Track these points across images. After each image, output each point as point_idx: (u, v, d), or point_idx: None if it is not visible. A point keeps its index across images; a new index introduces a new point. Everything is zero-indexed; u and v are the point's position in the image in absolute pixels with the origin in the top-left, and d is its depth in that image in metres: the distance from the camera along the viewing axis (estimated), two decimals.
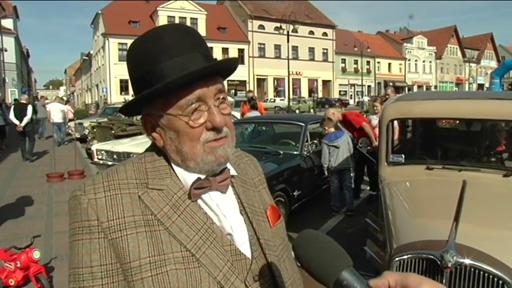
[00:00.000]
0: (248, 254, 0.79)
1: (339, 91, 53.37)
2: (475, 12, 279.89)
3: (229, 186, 0.83)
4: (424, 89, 60.51)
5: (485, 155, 3.71)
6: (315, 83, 51.30)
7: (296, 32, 28.02)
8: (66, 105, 15.67)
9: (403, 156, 3.21)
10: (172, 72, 0.73)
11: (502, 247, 1.99)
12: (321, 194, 6.06)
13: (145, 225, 0.72)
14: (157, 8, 41.01)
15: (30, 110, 10.70)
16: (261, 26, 46.60)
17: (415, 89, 59.39)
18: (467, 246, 1.89)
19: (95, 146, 7.56)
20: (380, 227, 2.75)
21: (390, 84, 39.33)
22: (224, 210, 0.79)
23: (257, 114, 8.18)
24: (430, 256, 1.92)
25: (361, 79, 48.31)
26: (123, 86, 38.38)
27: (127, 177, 0.76)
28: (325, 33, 51.82)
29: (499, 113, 3.01)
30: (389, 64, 60.60)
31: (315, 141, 5.82)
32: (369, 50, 48.41)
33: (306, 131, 5.68)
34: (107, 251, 0.71)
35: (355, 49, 47.32)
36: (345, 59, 54.29)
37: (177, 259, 0.72)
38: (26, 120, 10.47)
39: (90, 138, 11.09)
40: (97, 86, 47.07)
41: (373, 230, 2.95)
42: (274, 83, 48.18)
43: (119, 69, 37.71)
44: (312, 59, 50.83)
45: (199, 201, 0.78)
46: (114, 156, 6.88)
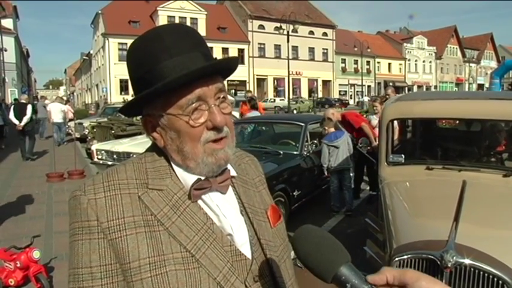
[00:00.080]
0: (248, 255, 0.79)
1: (339, 91, 53.36)
2: (475, 12, 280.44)
3: (230, 187, 0.83)
4: (424, 89, 60.49)
5: (485, 155, 3.71)
6: (315, 83, 51.29)
7: (296, 32, 28.02)
8: (66, 105, 15.65)
9: (403, 156, 3.21)
10: (172, 71, 0.72)
11: (502, 247, 1.99)
12: (320, 194, 6.06)
13: (145, 226, 0.72)
14: (157, 8, 41.00)
15: (29, 109, 10.76)
16: (261, 26, 46.59)
17: (415, 89, 59.34)
18: (467, 246, 1.89)
19: (95, 146, 7.56)
20: (380, 227, 2.75)
21: (390, 84, 39.31)
22: (224, 210, 0.78)
23: (257, 114, 8.17)
24: (430, 256, 1.92)
25: (361, 79, 48.29)
26: (123, 86, 38.38)
27: (127, 178, 0.76)
28: (325, 33, 51.81)
29: (499, 113, 3.01)
30: (389, 64, 60.59)
31: (315, 141, 5.82)
32: (369, 50, 48.41)
33: (305, 131, 5.67)
34: (106, 251, 0.70)
35: (355, 49, 47.30)
36: (344, 59, 54.28)
37: (177, 260, 0.71)
38: (25, 119, 10.52)
39: (90, 138, 11.09)
40: (97, 85, 47.06)
41: (373, 230, 2.95)
42: (274, 83, 48.18)
43: (119, 69, 37.70)
44: (312, 59, 50.82)
45: (199, 201, 0.78)
46: (114, 156, 6.88)
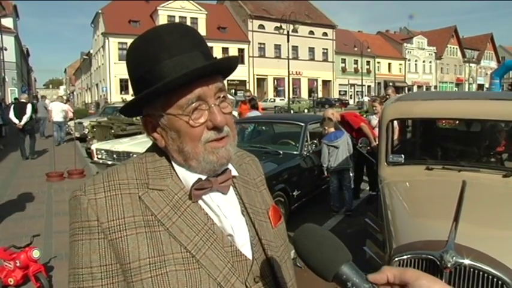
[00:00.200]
0: (249, 255, 0.79)
1: (339, 91, 53.36)
2: (475, 12, 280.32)
3: (231, 187, 0.83)
4: (424, 89, 60.48)
5: (485, 156, 3.71)
6: (315, 83, 51.29)
7: (296, 32, 28.01)
8: (65, 104, 15.64)
9: (403, 156, 3.21)
10: (172, 71, 0.72)
11: (501, 247, 1.99)
12: (320, 194, 6.06)
13: (145, 226, 0.72)
14: (158, 8, 40.99)
15: (29, 108, 10.78)
16: (261, 26, 46.58)
17: (415, 89, 59.33)
18: (466, 246, 1.89)
19: (95, 146, 7.56)
20: (379, 227, 2.75)
21: (390, 84, 39.33)
22: (225, 211, 0.78)
23: (257, 114, 8.17)
24: (429, 256, 1.92)
25: (361, 79, 48.29)
26: (123, 85, 38.38)
27: (127, 178, 0.76)
28: (325, 33, 51.81)
29: (499, 113, 3.01)
30: (389, 64, 60.59)
31: (315, 141, 5.82)
32: (369, 50, 48.42)
33: (305, 131, 5.67)
34: (106, 251, 0.70)
35: (355, 49, 47.32)
36: (345, 59, 54.28)
37: (177, 260, 0.71)
38: (25, 118, 10.55)
39: (90, 137, 11.10)
40: (97, 85, 47.04)
41: (372, 230, 2.95)
42: (274, 82, 48.17)
43: (119, 69, 37.69)
44: (312, 59, 50.81)
45: (200, 201, 0.77)
46: (114, 155, 6.89)
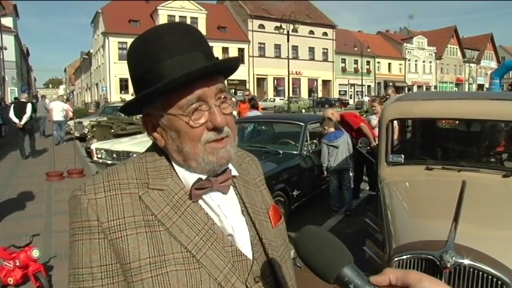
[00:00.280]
0: (249, 255, 0.79)
1: (339, 91, 53.35)
2: (475, 12, 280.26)
3: (231, 187, 0.83)
4: (424, 89, 60.47)
5: (484, 156, 3.71)
6: (315, 82, 51.28)
7: (296, 32, 28.06)
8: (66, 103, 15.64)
9: (403, 156, 3.21)
10: (172, 71, 0.72)
11: (501, 247, 1.99)
12: (320, 193, 6.06)
13: (145, 226, 0.72)
14: (158, 7, 40.96)
15: (29, 108, 10.80)
16: (261, 26, 46.56)
17: (415, 89, 59.33)
18: (466, 246, 1.89)
19: (95, 145, 7.57)
20: (379, 227, 2.75)
21: (390, 84, 39.34)
22: (225, 210, 0.78)
23: (257, 114, 8.17)
24: (429, 256, 1.92)
25: (361, 79, 48.30)
26: (123, 85, 38.39)
27: (127, 177, 0.76)
28: (325, 33, 51.79)
29: (499, 113, 3.01)
30: (389, 64, 60.57)
31: (315, 141, 5.82)
32: (369, 50, 48.41)
33: (305, 130, 5.67)
34: (107, 251, 0.70)
35: (355, 49, 47.32)
36: (344, 59, 54.26)
37: (178, 260, 0.71)
38: (25, 118, 10.59)
39: (89, 137, 11.10)
40: (97, 85, 47.02)
41: (372, 230, 2.95)
42: (274, 82, 48.16)
43: (119, 68, 37.66)
44: (312, 59, 50.79)
45: (200, 201, 0.77)
46: (114, 155, 6.89)
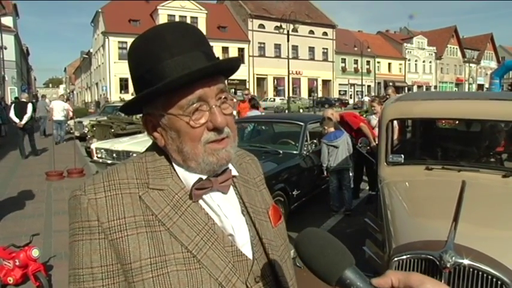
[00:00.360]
0: (249, 255, 0.79)
1: (339, 91, 53.33)
2: (475, 12, 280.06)
3: (231, 187, 0.83)
4: (424, 89, 60.45)
5: (484, 156, 3.71)
6: (315, 82, 51.26)
7: (296, 32, 28.04)
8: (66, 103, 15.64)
9: (403, 156, 3.21)
10: (173, 71, 0.72)
11: (501, 248, 1.99)
12: (320, 193, 6.06)
13: (146, 226, 0.72)
14: (158, 7, 40.94)
15: (30, 108, 10.81)
16: (261, 25, 46.54)
17: (415, 89, 59.30)
18: (466, 246, 1.89)
19: (95, 145, 7.57)
20: (379, 227, 2.75)
21: (390, 84, 39.33)
22: (225, 210, 0.78)
23: (257, 113, 8.17)
24: (428, 256, 1.92)
25: (361, 79, 48.26)
26: (123, 84, 38.37)
27: (127, 177, 0.75)
28: (325, 33, 51.77)
29: (499, 113, 3.01)
30: (389, 64, 60.54)
31: (315, 141, 5.82)
32: (369, 50, 48.38)
33: (305, 130, 5.67)
34: (107, 251, 0.70)
35: (355, 49, 47.30)
36: (344, 59, 54.24)
37: (178, 260, 0.71)
38: (26, 118, 10.60)
39: (89, 136, 11.09)
40: (97, 84, 46.99)
41: (372, 230, 2.95)
42: (274, 82, 48.14)
43: (119, 68, 37.65)
44: (312, 59, 50.77)
45: (200, 201, 0.77)
46: (114, 154, 6.89)
